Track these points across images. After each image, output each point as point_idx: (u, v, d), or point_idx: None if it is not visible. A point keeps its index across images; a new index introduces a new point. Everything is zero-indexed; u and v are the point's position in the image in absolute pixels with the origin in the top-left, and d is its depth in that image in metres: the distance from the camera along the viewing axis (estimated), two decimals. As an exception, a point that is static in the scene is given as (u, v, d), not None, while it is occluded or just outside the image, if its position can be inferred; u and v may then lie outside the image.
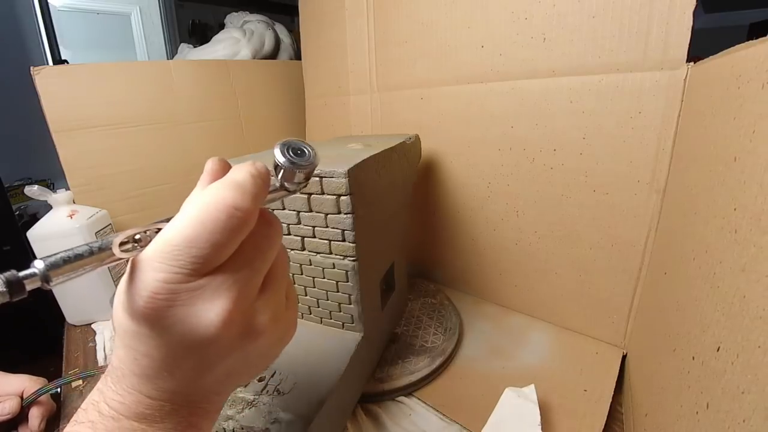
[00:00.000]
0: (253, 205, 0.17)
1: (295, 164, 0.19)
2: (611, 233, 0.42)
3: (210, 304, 0.16)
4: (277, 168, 0.20)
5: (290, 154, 0.20)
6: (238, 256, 0.17)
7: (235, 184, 0.17)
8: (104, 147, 0.63)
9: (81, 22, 1.41)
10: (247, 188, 0.17)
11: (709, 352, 0.21)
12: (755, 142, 0.20)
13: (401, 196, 0.45)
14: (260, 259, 0.18)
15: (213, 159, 0.20)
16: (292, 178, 0.20)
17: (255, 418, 0.29)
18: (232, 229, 0.16)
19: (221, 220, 0.16)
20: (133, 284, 0.16)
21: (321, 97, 0.71)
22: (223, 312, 0.17)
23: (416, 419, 0.37)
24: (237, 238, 0.17)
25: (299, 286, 0.37)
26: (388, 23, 0.55)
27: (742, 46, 0.23)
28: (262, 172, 0.18)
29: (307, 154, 0.20)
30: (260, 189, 0.18)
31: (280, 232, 0.20)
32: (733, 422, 0.18)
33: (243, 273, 0.17)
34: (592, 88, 0.39)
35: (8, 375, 0.36)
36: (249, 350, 0.19)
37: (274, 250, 0.19)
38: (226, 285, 0.17)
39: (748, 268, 0.19)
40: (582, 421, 0.35)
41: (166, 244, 0.16)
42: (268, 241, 0.19)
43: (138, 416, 0.18)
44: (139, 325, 0.16)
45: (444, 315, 0.50)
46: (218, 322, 0.16)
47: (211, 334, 0.17)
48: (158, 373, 0.17)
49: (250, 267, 0.18)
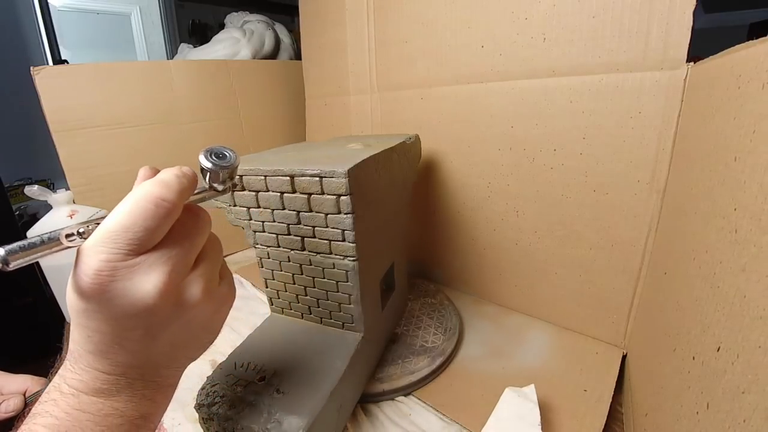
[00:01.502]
0: (178, 198, 0.20)
1: (217, 166, 0.23)
2: (611, 233, 0.42)
3: (147, 277, 0.19)
4: (203, 171, 0.23)
5: (213, 158, 0.23)
6: (169, 239, 0.20)
7: (161, 182, 0.20)
8: (104, 147, 0.63)
9: (81, 22, 1.41)
10: (172, 184, 0.20)
11: (709, 352, 0.21)
12: (755, 142, 0.20)
13: (401, 195, 0.45)
14: (189, 241, 0.21)
15: (144, 167, 0.23)
16: (218, 178, 0.23)
17: (255, 418, 0.29)
18: (160, 216, 0.19)
19: (150, 209, 0.19)
20: (79, 267, 0.19)
21: (321, 97, 0.71)
22: (158, 283, 0.19)
23: (416, 419, 0.37)
24: (165, 224, 0.20)
25: (299, 286, 0.37)
26: (388, 23, 0.55)
27: (742, 46, 0.23)
28: (186, 173, 0.21)
29: (228, 157, 0.23)
30: (184, 186, 0.21)
31: (208, 221, 0.23)
32: (733, 422, 0.18)
33: (174, 251, 0.20)
34: (592, 88, 0.39)
35: (11, 375, 0.37)
36: (186, 320, 0.21)
37: (201, 236, 0.22)
38: (161, 261, 0.20)
39: (749, 268, 0.19)
40: (582, 421, 0.35)
41: (105, 232, 0.19)
42: (195, 228, 0.22)
43: (95, 391, 0.20)
44: (88, 302, 0.19)
45: (444, 315, 0.50)
46: (155, 292, 0.19)
47: (149, 304, 0.19)
48: (110, 347, 0.20)
49: (180, 246, 0.21)
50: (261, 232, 0.35)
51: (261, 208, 0.34)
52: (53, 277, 0.56)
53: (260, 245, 0.36)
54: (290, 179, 0.31)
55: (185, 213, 0.21)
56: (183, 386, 0.42)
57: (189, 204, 0.22)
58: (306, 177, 0.31)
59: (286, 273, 0.37)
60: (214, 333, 0.25)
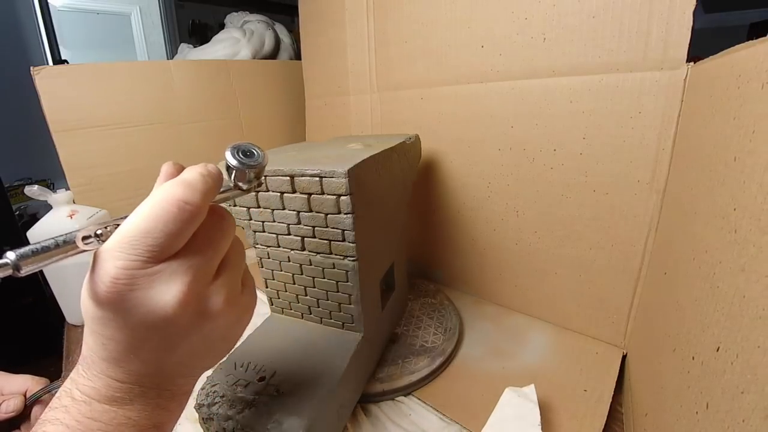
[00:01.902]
0: (202, 200, 0.19)
1: (244, 165, 0.22)
2: (611, 233, 0.42)
3: (166, 287, 0.18)
4: (229, 169, 0.22)
5: (240, 156, 0.22)
6: (192, 245, 0.19)
7: (184, 182, 0.19)
8: (104, 147, 0.63)
9: (81, 22, 1.41)
10: (196, 185, 0.19)
11: (708, 352, 0.21)
12: (755, 142, 0.20)
13: (401, 196, 0.45)
14: (213, 248, 0.20)
15: (168, 163, 0.21)
16: (244, 177, 0.22)
17: (255, 418, 0.29)
18: (183, 221, 0.18)
19: (172, 212, 0.18)
20: (96, 273, 0.18)
21: (321, 97, 0.71)
22: (178, 293, 0.18)
23: (416, 419, 0.37)
24: (188, 229, 0.18)
25: (299, 286, 0.37)
26: (388, 23, 0.55)
27: (742, 46, 0.23)
28: (212, 171, 0.20)
29: (256, 155, 0.22)
30: (209, 186, 0.19)
31: (233, 224, 0.22)
32: (732, 422, 0.18)
33: (196, 259, 0.19)
34: (592, 88, 0.39)
35: (11, 375, 0.37)
36: (207, 330, 0.20)
37: (226, 241, 0.21)
38: (181, 269, 0.18)
39: (748, 268, 0.19)
40: (582, 421, 0.35)
41: (124, 236, 0.17)
42: (219, 232, 0.20)
43: (108, 399, 0.19)
44: (103, 310, 0.18)
45: (444, 315, 0.50)
46: (175, 303, 0.18)
47: (168, 314, 0.18)
48: (124, 355, 0.19)
49: (202, 254, 0.19)
50: (261, 232, 0.35)
51: (261, 208, 0.34)
52: (53, 277, 0.56)
53: (260, 245, 0.36)
54: (290, 179, 0.31)
55: (210, 216, 0.20)
56: (183, 386, 0.42)
57: (213, 206, 0.21)
58: (306, 177, 0.31)
59: (286, 273, 0.37)
60: (232, 342, 0.24)
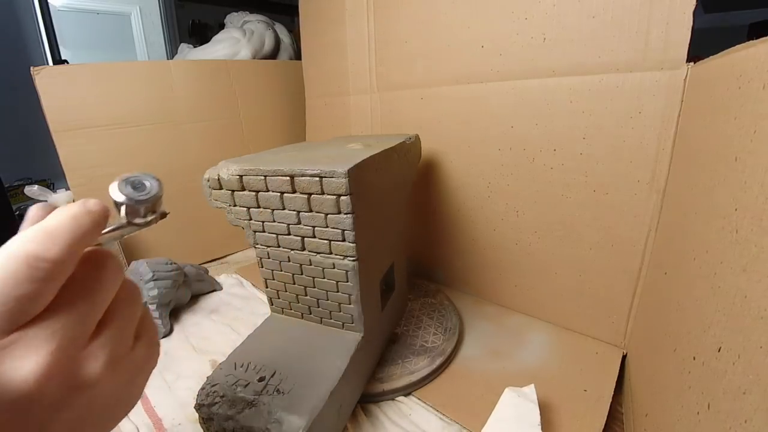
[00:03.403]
0: (64, 252, 0.15)
1: (132, 200, 0.19)
2: (611, 233, 0.42)
3: (23, 361, 0.15)
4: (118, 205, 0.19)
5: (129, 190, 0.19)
6: (58, 304, 0.16)
7: (43, 232, 0.15)
8: (104, 147, 0.63)
9: (81, 22, 1.41)
10: (59, 233, 0.15)
11: (710, 352, 0.21)
12: (756, 142, 0.20)
13: (401, 196, 0.45)
14: (87, 303, 0.17)
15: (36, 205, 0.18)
16: (137, 212, 0.19)
17: (255, 418, 0.29)
18: (38, 280, 0.15)
19: (22, 272, 0.14)
20: None
21: (321, 97, 0.71)
22: (38, 367, 0.15)
23: (416, 419, 0.37)
24: (47, 288, 0.15)
25: (299, 286, 0.37)
26: (388, 23, 0.55)
27: (742, 46, 0.23)
28: (92, 209, 0.17)
29: (148, 188, 0.20)
30: (83, 230, 0.16)
31: (116, 269, 0.18)
32: (734, 423, 0.18)
33: (63, 321, 0.16)
34: (592, 88, 0.39)
35: None
36: (85, 402, 0.17)
37: (107, 291, 0.18)
38: (42, 336, 0.15)
39: (749, 268, 0.19)
40: (582, 421, 0.35)
41: None
42: (97, 283, 0.17)
43: None
44: None
45: (444, 315, 0.50)
46: (33, 379, 0.15)
47: (27, 392, 0.15)
48: None
49: (71, 313, 0.16)
50: (261, 232, 0.35)
51: (261, 208, 0.34)
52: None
53: (260, 245, 0.36)
54: (290, 179, 0.31)
55: (82, 265, 0.17)
56: (183, 386, 0.42)
57: (90, 251, 0.18)
58: (306, 177, 0.31)
59: (286, 273, 0.37)
60: (129, 405, 0.20)
